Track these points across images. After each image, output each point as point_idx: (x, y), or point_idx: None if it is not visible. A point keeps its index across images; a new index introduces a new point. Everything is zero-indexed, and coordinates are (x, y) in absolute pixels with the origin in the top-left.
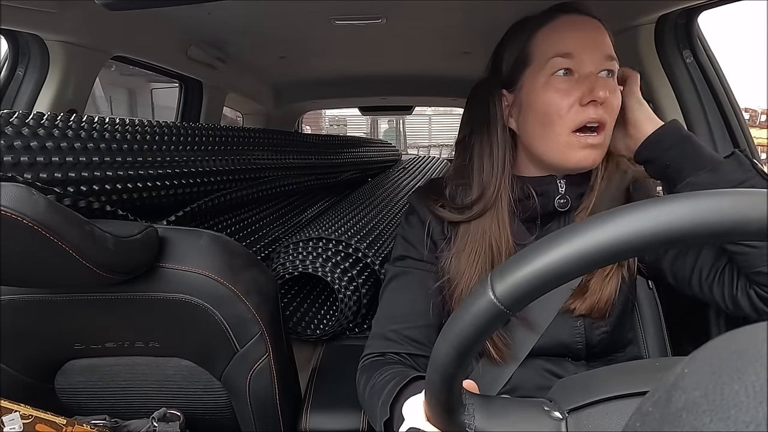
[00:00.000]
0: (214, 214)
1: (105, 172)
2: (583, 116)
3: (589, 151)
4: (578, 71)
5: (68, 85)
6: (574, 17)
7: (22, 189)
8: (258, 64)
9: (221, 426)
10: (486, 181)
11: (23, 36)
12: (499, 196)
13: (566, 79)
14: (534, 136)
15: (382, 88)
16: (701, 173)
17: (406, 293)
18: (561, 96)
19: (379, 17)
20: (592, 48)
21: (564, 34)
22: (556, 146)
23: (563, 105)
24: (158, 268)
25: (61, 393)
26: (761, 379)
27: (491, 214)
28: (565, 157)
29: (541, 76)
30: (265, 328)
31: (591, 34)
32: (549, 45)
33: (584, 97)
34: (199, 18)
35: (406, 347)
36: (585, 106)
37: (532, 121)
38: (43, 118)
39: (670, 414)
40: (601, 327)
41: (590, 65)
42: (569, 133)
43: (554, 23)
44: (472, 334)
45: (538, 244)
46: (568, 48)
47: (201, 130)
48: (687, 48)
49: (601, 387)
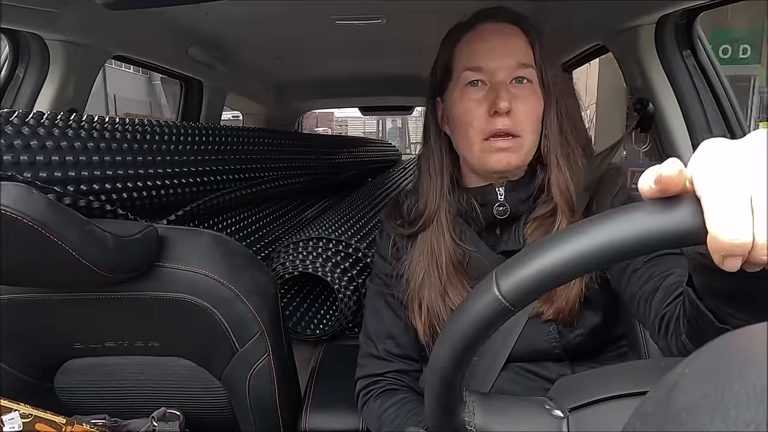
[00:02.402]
0: (214, 213)
1: (105, 172)
2: (491, 126)
3: (503, 154)
4: (489, 81)
5: (68, 85)
6: (488, 26)
7: (22, 188)
8: (258, 64)
9: (221, 425)
10: (426, 191)
11: (24, 35)
12: (439, 207)
13: (477, 90)
14: (458, 143)
15: (382, 88)
16: None
17: (387, 312)
18: (473, 106)
19: (379, 17)
20: (501, 58)
21: (475, 46)
22: (474, 152)
23: (475, 115)
24: (158, 268)
25: (60, 392)
26: (762, 380)
27: (432, 226)
28: (483, 162)
29: (457, 87)
30: (264, 328)
31: (502, 42)
32: (462, 58)
33: (491, 107)
34: (199, 18)
35: (400, 364)
36: (492, 117)
37: (455, 129)
38: (43, 118)
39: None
40: (576, 330)
41: (500, 74)
42: (482, 141)
43: (469, 35)
44: (475, 331)
45: (542, 241)
46: (477, 61)
47: (201, 129)
48: (687, 48)
49: (602, 386)
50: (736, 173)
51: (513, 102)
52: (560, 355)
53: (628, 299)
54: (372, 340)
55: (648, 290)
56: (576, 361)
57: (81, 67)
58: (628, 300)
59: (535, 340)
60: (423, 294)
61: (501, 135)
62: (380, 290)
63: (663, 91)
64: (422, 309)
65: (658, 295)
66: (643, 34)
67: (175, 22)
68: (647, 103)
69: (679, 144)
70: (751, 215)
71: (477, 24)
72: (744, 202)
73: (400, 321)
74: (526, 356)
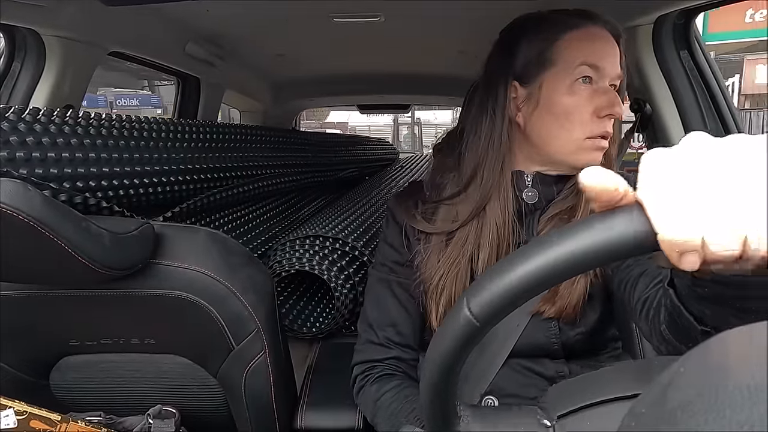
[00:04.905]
0: (211, 210)
1: (101, 169)
2: (601, 128)
3: (598, 153)
4: (597, 82)
5: (65, 81)
6: (601, 30)
7: (17, 185)
8: (256, 62)
9: (217, 423)
10: (479, 173)
11: (20, 30)
12: (493, 189)
13: (588, 87)
14: (548, 134)
15: (380, 86)
16: None
17: (391, 299)
18: (583, 102)
19: (378, 15)
20: (612, 63)
21: (593, 44)
22: (569, 147)
23: (583, 111)
24: (154, 265)
25: (56, 389)
26: (757, 379)
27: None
28: (576, 157)
29: (566, 79)
30: (261, 326)
31: (613, 48)
32: (578, 51)
33: (604, 109)
34: (197, 14)
35: (398, 352)
36: (602, 119)
37: (549, 120)
38: (40, 114)
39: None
40: (577, 328)
41: (608, 79)
42: (584, 138)
43: (582, 31)
44: (451, 353)
45: (504, 261)
46: (597, 60)
47: (198, 126)
48: (685, 49)
49: (588, 392)
50: (673, 172)
51: None
52: (558, 352)
53: (616, 285)
54: (372, 328)
55: (634, 275)
56: (572, 359)
57: (77, 63)
58: (616, 286)
59: (536, 335)
60: (446, 283)
61: (604, 137)
62: (385, 277)
63: (660, 91)
64: (443, 297)
65: (643, 280)
66: (640, 34)
67: (172, 18)
68: (644, 103)
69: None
70: (693, 208)
71: (584, 23)
72: (684, 196)
73: (403, 309)
74: (524, 351)
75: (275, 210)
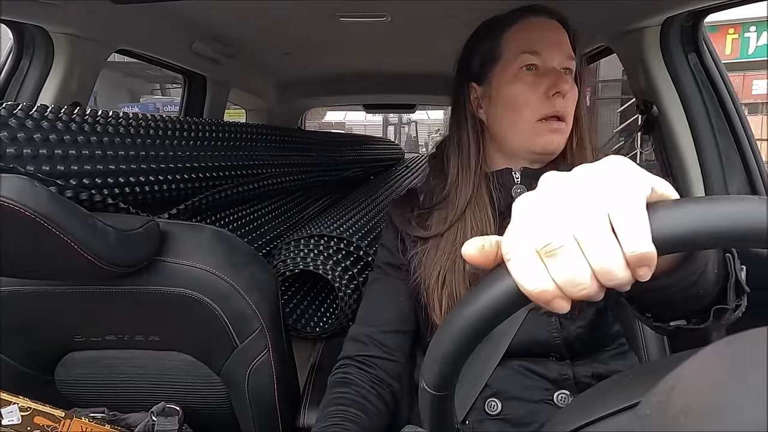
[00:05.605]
0: (216, 209)
1: (107, 166)
2: (549, 108)
3: (555, 135)
4: (543, 67)
5: (72, 78)
6: (541, 19)
7: (24, 181)
8: (262, 60)
9: (220, 421)
10: (458, 175)
11: (28, 28)
12: (472, 189)
13: (533, 73)
14: (503, 124)
15: (386, 85)
16: None
17: (380, 300)
18: (529, 88)
19: (384, 15)
20: (556, 47)
21: (532, 33)
22: (523, 132)
23: (531, 96)
24: (159, 262)
25: (60, 385)
26: (760, 383)
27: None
28: (532, 142)
29: (510, 70)
30: (264, 324)
31: (555, 35)
32: (519, 42)
33: (549, 89)
34: (204, 13)
35: (376, 351)
36: (550, 98)
37: (502, 111)
38: (47, 111)
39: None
40: (577, 322)
41: (554, 62)
42: (536, 121)
43: (523, 23)
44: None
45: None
46: (537, 46)
47: (204, 125)
48: (692, 51)
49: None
50: (522, 228)
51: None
52: (560, 348)
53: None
54: (357, 324)
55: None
56: (576, 359)
57: (85, 60)
58: None
59: (536, 332)
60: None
61: (555, 117)
62: (378, 278)
63: (667, 93)
64: (445, 291)
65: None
66: (648, 36)
67: (179, 16)
68: (651, 105)
69: (683, 147)
70: (542, 263)
71: (524, 17)
72: (530, 252)
73: (390, 309)
74: (526, 350)
75: (280, 209)
